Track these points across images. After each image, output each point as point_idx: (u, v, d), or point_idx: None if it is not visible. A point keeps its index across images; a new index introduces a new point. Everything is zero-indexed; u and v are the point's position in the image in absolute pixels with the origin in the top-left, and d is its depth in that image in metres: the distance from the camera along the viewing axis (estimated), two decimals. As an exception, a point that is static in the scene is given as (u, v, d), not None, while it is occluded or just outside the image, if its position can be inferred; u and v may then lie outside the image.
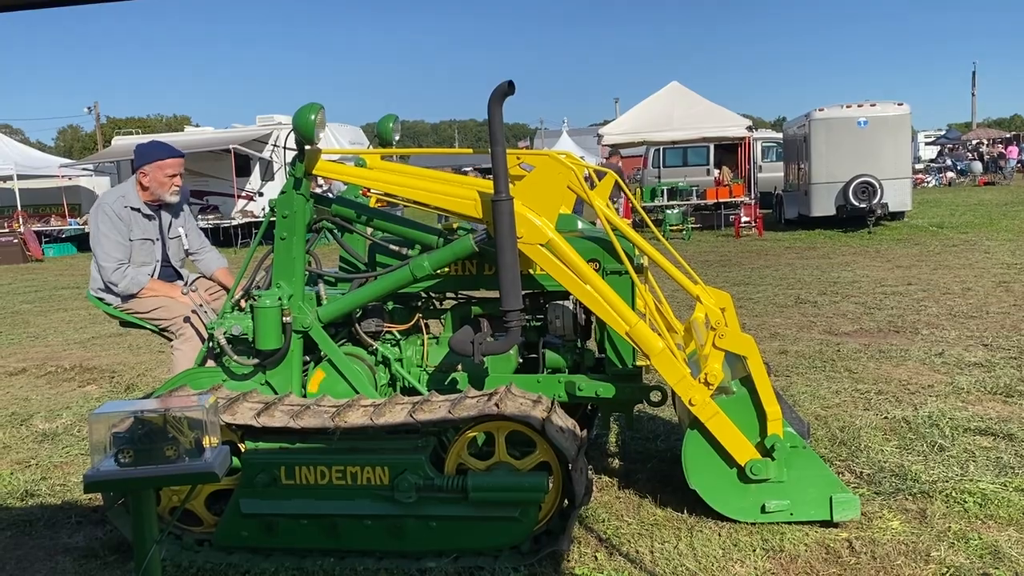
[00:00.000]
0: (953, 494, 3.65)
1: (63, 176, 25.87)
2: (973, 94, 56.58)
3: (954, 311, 7.88)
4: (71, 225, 24.06)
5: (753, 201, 18.62)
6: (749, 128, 18.99)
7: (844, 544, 3.28)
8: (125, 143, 23.75)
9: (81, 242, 22.82)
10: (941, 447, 4.25)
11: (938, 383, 5.45)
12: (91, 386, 6.64)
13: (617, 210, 15.21)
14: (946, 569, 3.05)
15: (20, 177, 24.31)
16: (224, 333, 3.68)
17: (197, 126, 27.71)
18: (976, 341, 6.58)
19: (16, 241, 21.60)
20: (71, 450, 4.91)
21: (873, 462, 4.09)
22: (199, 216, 21.16)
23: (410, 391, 3.87)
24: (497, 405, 3.14)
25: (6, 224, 23.71)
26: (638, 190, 19.91)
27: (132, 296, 4.42)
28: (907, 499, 3.65)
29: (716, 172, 22.00)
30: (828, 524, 3.40)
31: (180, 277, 4.66)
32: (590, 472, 3.53)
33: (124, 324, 4.64)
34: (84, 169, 26.43)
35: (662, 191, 19.34)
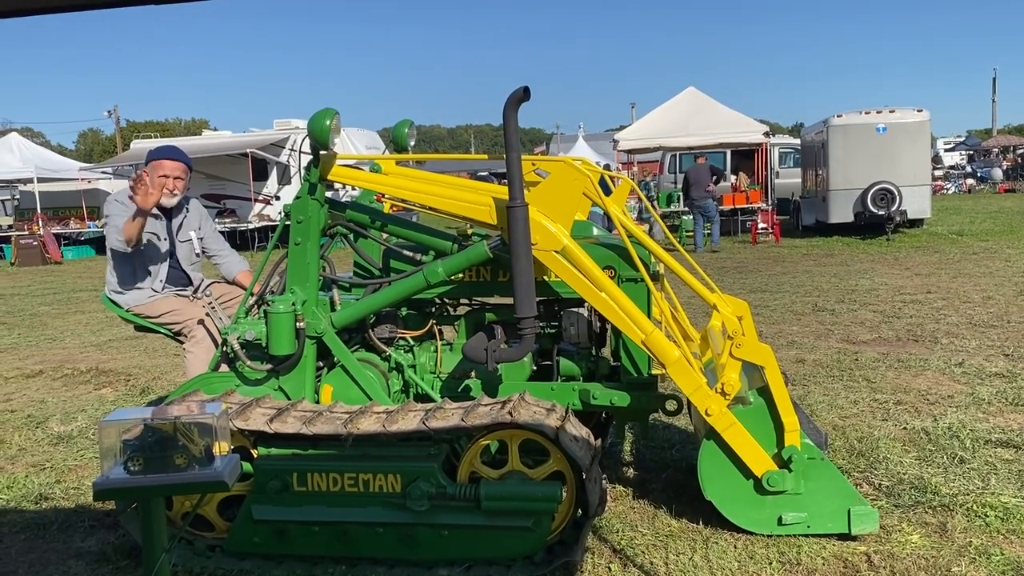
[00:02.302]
0: (974, 508, 3.59)
1: (82, 179, 26.11)
2: (993, 100, 56.22)
3: (974, 320, 7.78)
4: (90, 228, 24.27)
5: (770, 207, 18.52)
6: (766, 134, 18.91)
7: (862, 558, 3.22)
8: (144, 147, 23.93)
9: (99, 245, 22.99)
10: (961, 459, 4.18)
11: (958, 393, 5.37)
12: (106, 389, 6.66)
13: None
14: (967, 585, 2.99)
15: (40, 180, 24.56)
16: (238, 338, 3.68)
17: (215, 130, 27.89)
18: (997, 351, 6.49)
19: (36, 243, 21.80)
20: (86, 453, 4.92)
21: (892, 474, 4.03)
22: (216, 219, 21.29)
23: (423, 398, 3.85)
24: (511, 413, 3.11)
25: (26, 226, 23.94)
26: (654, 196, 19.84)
27: (140, 300, 4.43)
28: (927, 512, 3.59)
29: (733, 178, 21.89)
30: (846, 537, 3.35)
31: (190, 281, 4.67)
32: (604, 482, 3.49)
33: (139, 328, 4.65)
34: (103, 172, 26.66)
35: (678, 197, 19.26)
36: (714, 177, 16.93)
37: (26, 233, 22.91)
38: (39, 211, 24.41)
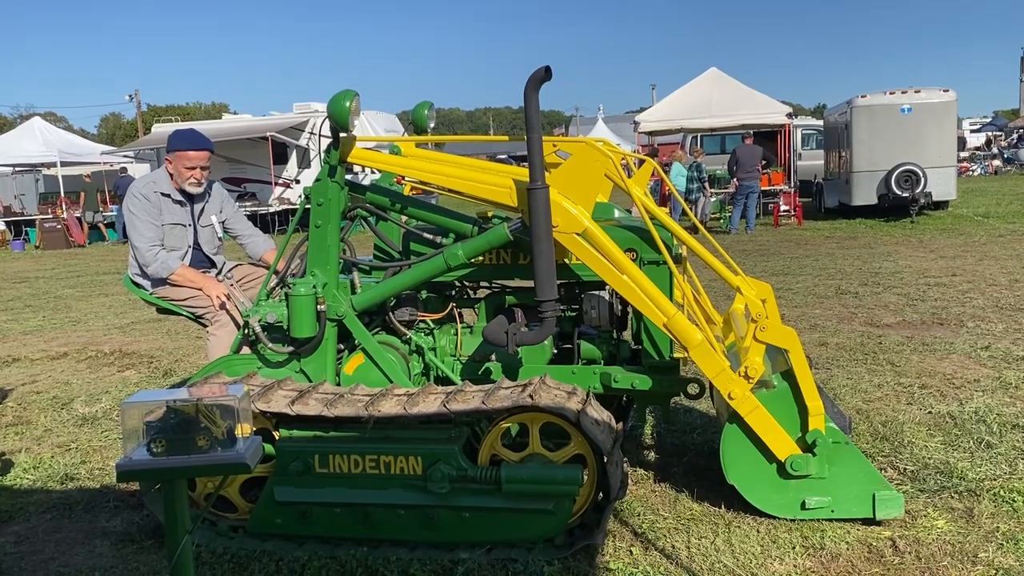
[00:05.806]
0: (1001, 493, 3.54)
1: (104, 163, 26.31)
2: (1021, 80, 55.12)
3: (1001, 303, 7.66)
4: (113, 211, 24.44)
5: (793, 189, 18.32)
6: (789, 115, 18.66)
7: (887, 543, 3.19)
8: (164, 130, 24.05)
9: (122, 227, 23.14)
10: (988, 444, 4.13)
11: (984, 377, 5.30)
12: (130, 371, 6.72)
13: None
14: (994, 571, 2.95)
15: (63, 164, 24.76)
16: (259, 321, 3.68)
17: (235, 114, 27.94)
18: (1024, 334, 6.40)
19: (59, 227, 22.00)
20: (110, 434, 4.97)
21: (917, 458, 3.99)
22: (236, 203, 21.34)
23: (444, 381, 3.85)
24: (531, 396, 3.10)
25: (50, 210, 24.16)
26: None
27: (164, 282, 4.45)
28: (953, 497, 3.54)
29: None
30: (870, 522, 3.32)
31: (213, 264, 4.68)
32: (625, 465, 3.48)
33: (161, 311, 4.68)
34: (125, 156, 26.84)
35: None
36: (764, 161, 16.74)
37: (50, 217, 23.13)
38: (62, 195, 24.63)
